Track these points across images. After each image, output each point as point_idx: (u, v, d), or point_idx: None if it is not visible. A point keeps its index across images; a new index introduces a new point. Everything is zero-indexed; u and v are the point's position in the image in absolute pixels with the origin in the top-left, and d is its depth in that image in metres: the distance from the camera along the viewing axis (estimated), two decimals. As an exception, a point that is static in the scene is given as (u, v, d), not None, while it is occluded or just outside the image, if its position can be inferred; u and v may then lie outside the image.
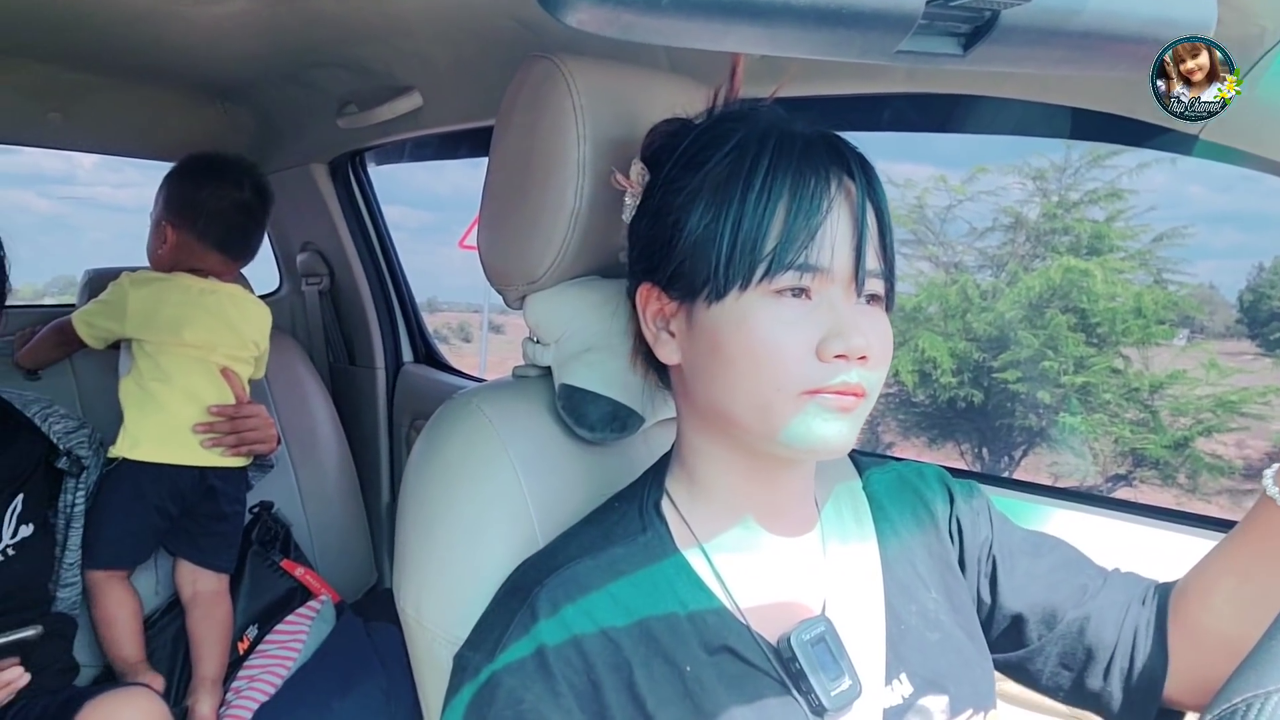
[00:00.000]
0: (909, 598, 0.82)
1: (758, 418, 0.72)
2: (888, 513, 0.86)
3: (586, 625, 0.72)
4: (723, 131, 0.75)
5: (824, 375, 0.70)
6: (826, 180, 0.72)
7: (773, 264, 0.70)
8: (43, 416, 1.48)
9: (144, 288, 1.64)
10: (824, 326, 0.71)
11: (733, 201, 0.71)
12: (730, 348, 0.72)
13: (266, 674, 1.60)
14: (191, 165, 1.72)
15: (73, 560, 1.49)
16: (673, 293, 0.76)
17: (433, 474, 0.89)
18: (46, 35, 1.49)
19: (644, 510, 0.80)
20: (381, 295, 2.14)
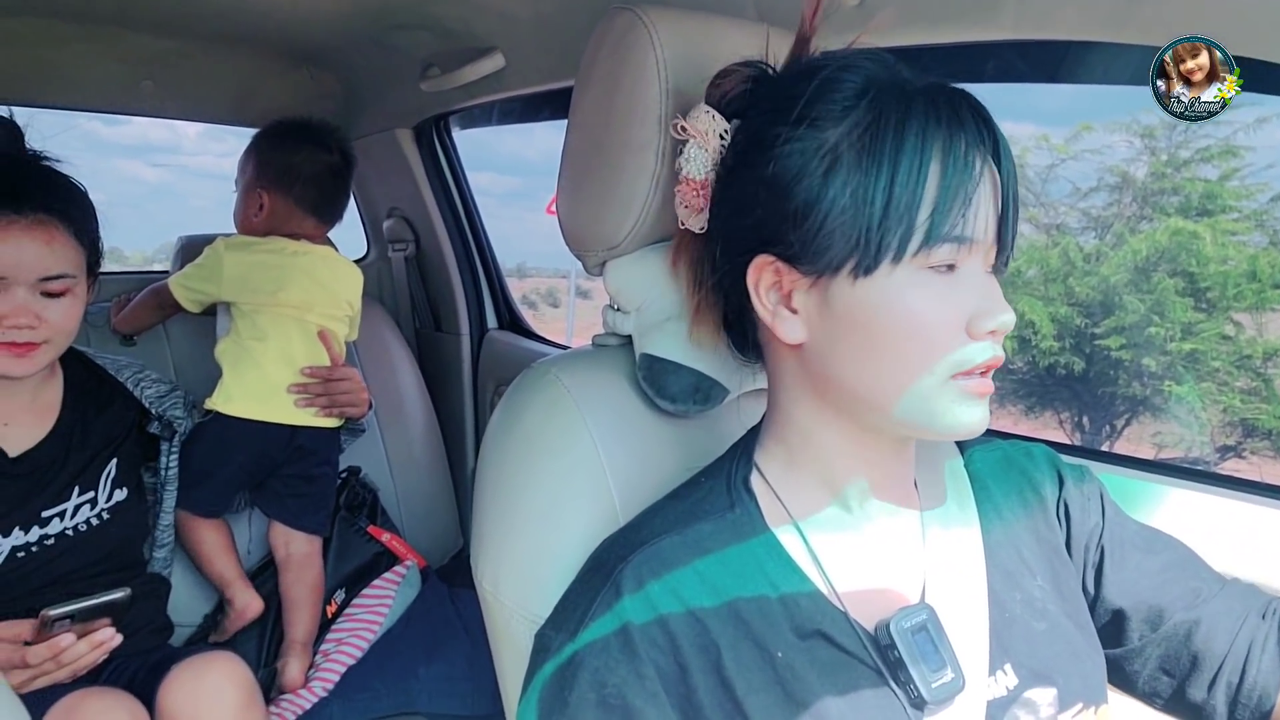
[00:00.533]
0: (1014, 584, 0.77)
1: (902, 400, 0.68)
2: (991, 494, 0.81)
3: (673, 604, 0.69)
4: (833, 82, 0.69)
5: (975, 354, 0.67)
6: (978, 139, 0.67)
7: (930, 234, 0.65)
8: (135, 381, 1.51)
9: (239, 252, 1.66)
10: (971, 301, 0.67)
11: (881, 164, 0.65)
12: (880, 327, 0.67)
13: (354, 638, 1.62)
14: (282, 130, 1.73)
15: (167, 523, 1.52)
16: (803, 266, 0.69)
17: (510, 446, 0.87)
18: (135, 3, 1.50)
19: (732, 486, 0.76)
20: (466, 261, 2.14)
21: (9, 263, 1.22)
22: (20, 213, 1.23)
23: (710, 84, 0.77)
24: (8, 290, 1.23)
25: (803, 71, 0.71)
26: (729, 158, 0.75)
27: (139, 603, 1.41)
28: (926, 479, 0.80)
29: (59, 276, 1.26)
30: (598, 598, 0.70)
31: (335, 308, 1.73)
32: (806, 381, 0.73)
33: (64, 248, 1.27)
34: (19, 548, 1.30)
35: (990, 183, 0.68)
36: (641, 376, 0.89)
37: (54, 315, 1.27)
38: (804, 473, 0.75)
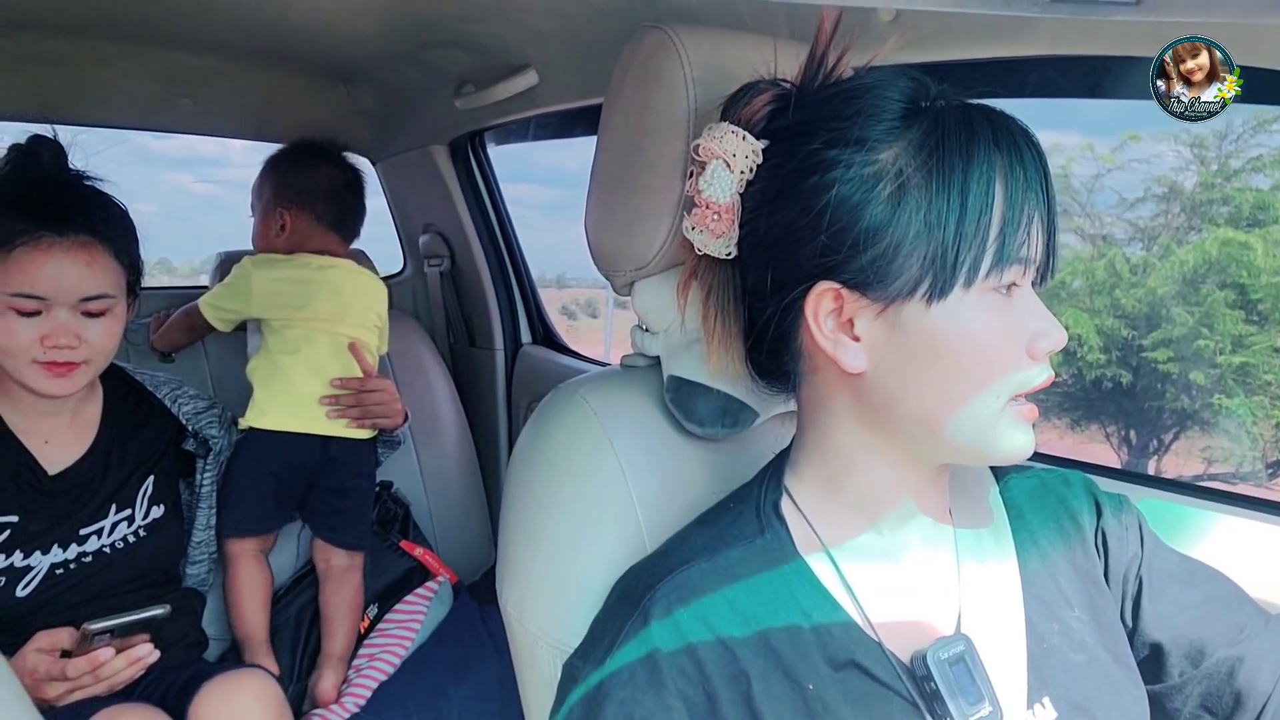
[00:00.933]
0: (1051, 615, 0.75)
1: (959, 425, 0.67)
2: (1028, 522, 0.79)
3: (702, 632, 0.68)
4: (878, 101, 0.67)
5: (1035, 375, 0.67)
6: (1036, 158, 0.66)
7: (1000, 256, 0.65)
8: (173, 398, 1.52)
9: (267, 269, 1.67)
10: (1030, 322, 0.67)
11: (952, 187, 0.64)
12: (952, 351, 0.66)
13: (385, 653, 1.62)
14: (297, 152, 1.75)
15: (200, 539, 1.53)
16: (871, 293, 0.67)
17: (535, 469, 0.86)
18: (174, 22, 1.52)
19: (762, 511, 0.75)
20: (500, 276, 2.14)
21: (51, 285, 1.24)
22: (63, 234, 1.25)
23: (729, 101, 0.76)
24: (49, 311, 1.25)
25: (843, 92, 0.70)
26: (763, 182, 0.72)
27: (174, 618, 1.42)
28: (962, 507, 0.78)
29: (99, 297, 1.28)
30: (625, 626, 0.69)
31: (364, 318, 1.74)
32: (860, 411, 0.72)
33: (104, 269, 1.28)
34: (58, 565, 1.32)
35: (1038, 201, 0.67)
36: (669, 399, 0.87)
37: (94, 335, 1.28)
38: (842, 499, 0.74)
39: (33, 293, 1.23)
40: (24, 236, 1.23)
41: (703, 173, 0.75)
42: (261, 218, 1.74)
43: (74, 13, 1.48)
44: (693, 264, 0.79)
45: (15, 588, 1.28)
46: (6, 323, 1.24)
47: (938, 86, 0.69)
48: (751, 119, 0.74)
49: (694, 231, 0.76)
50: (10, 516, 1.30)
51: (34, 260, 1.23)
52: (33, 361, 1.25)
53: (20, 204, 1.25)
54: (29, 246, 1.23)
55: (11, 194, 1.27)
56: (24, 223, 1.23)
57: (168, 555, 1.47)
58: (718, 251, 0.75)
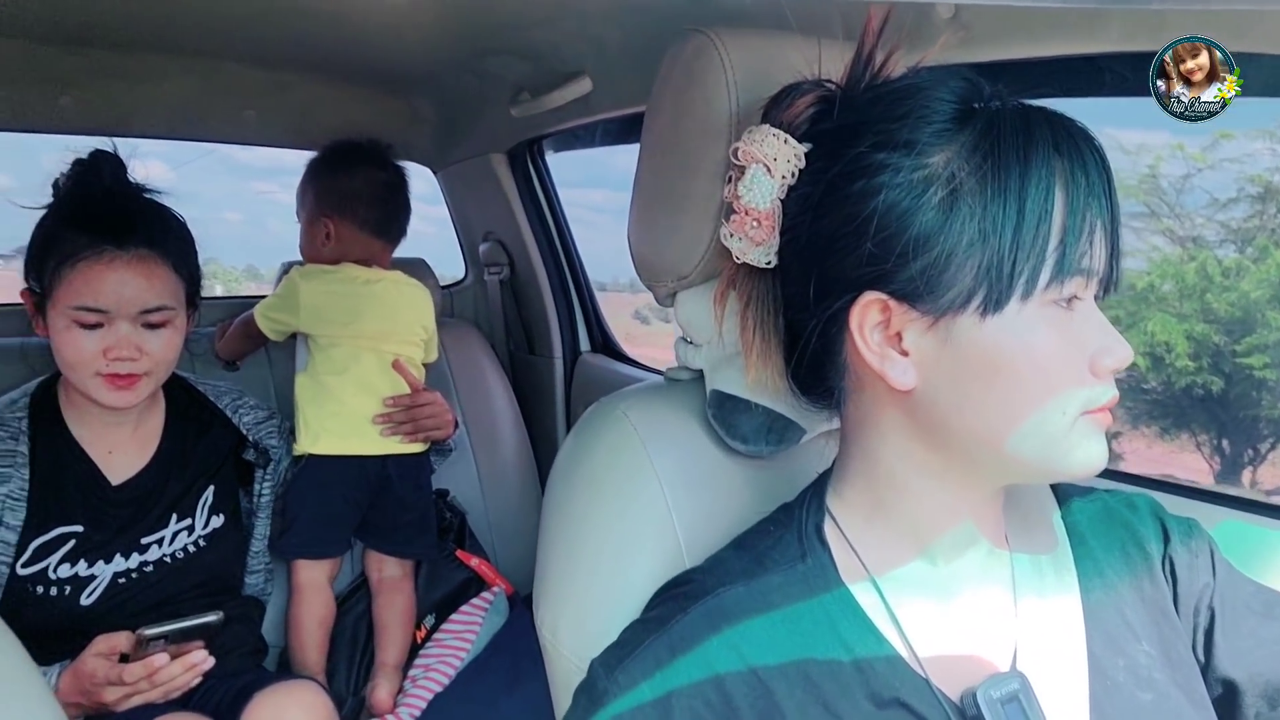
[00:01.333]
0: (1116, 650, 0.69)
1: (1034, 445, 0.63)
2: (1091, 549, 0.73)
3: (732, 661, 0.64)
4: (928, 101, 0.64)
5: (1101, 393, 0.63)
6: (1099, 163, 0.62)
7: (1061, 266, 0.61)
8: (234, 408, 1.54)
9: (313, 281, 1.66)
10: (1093, 337, 0.63)
11: (1008, 193, 0.61)
12: (1008, 367, 0.62)
13: (441, 664, 1.62)
14: (334, 156, 1.73)
15: (259, 549, 1.54)
16: (921, 305, 0.63)
17: (574, 486, 0.84)
18: (237, 35, 1.54)
19: (803, 535, 0.71)
20: (559, 284, 2.13)
21: (112, 298, 1.26)
22: (123, 248, 1.27)
23: (770, 103, 0.72)
24: (111, 324, 1.27)
25: (891, 92, 0.66)
26: (806, 187, 0.69)
27: (232, 625, 1.43)
28: (1020, 533, 0.73)
29: (159, 309, 1.30)
30: (647, 653, 0.66)
31: (410, 333, 1.72)
32: (911, 429, 0.67)
33: (164, 281, 1.30)
34: (120, 574, 1.34)
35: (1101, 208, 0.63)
36: (711, 414, 0.85)
37: (155, 346, 1.30)
38: (889, 524, 0.70)
39: (95, 305, 1.26)
40: (86, 251, 1.25)
41: (742, 177, 0.72)
42: (306, 226, 1.73)
43: (140, 29, 1.51)
44: (731, 273, 0.76)
45: (80, 596, 1.31)
46: (70, 336, 1.27)
47: (992, 86, 0.65)
48: (794, 121, 0.70)
49: (732, 239, 0.73)
50: (76, 526, 1.33)
51: (96, 274, 1.25)
52: (96, 374, 1.28)
53: (82, 219, 1.28)
54: (91, 260, 1.25)
55: (74, 209, 1.30)
56: (86, 237, 1.26)
57: (227, 565, 1.48)
58: (757, 260, 0.72)
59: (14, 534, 1.29)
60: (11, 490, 1.30)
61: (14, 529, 1.29)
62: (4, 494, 1.30)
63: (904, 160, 0.62)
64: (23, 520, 1.30)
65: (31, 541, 1.30)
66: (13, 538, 1.29)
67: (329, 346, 1.64)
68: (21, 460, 1.32)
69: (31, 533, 1.30)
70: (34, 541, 1.30)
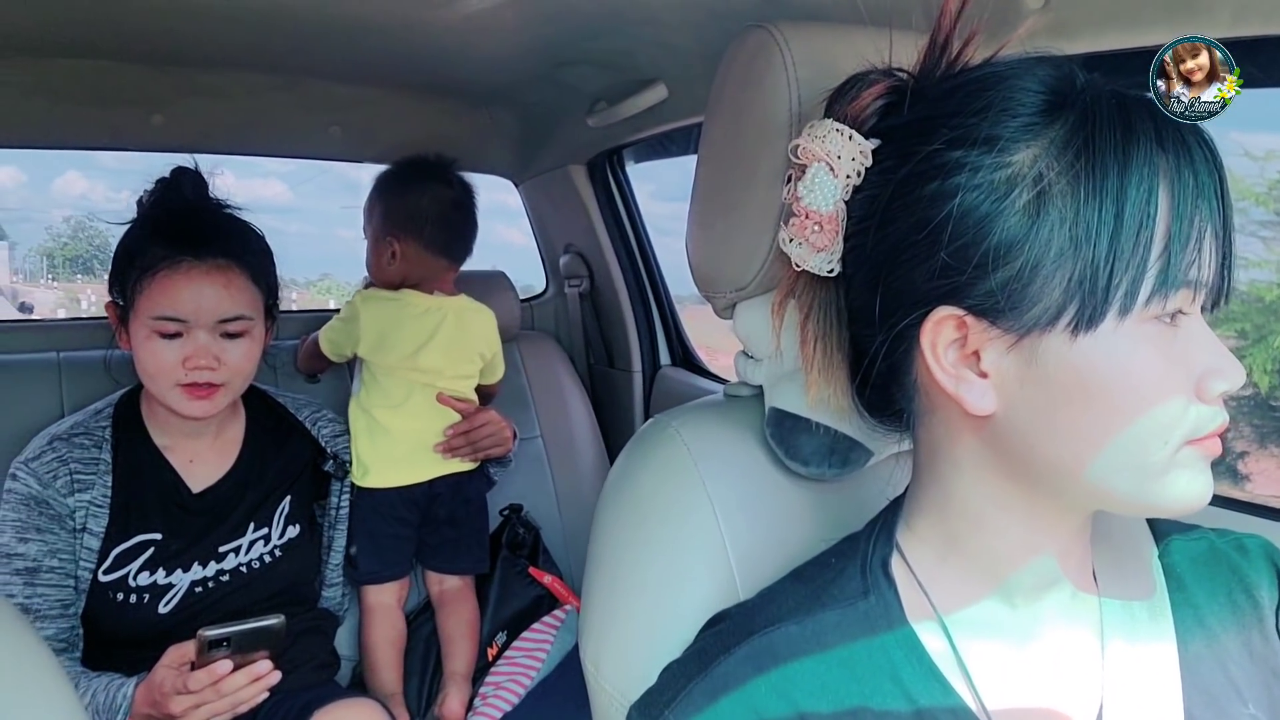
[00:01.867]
0: (1218, 711, 0.61)
1: (1129, 477, 0.56)
2: (1192, 595, 0.65)
3: (780, 708, 0.59)
4: (1012, 93, 0.57)
5: (1207, 420, 0.56)
6: (1210, 161, 0.55)
7: (1165, 278, 0.54)
8: (312, 420, 1.55)
9: (375, 306, 1.65)
10: (1201, 357, 0.55)
11: (1105, 195, 0.54)
12: (1103, 392, 0.55)
13: (511, 682, 1.59)
14: (401, 174, 1.71)
15: (337, 562, 1.55)
16: (1003, 321, 0.57)
17: (621, 509, 0.79)
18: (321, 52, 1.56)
19: (868, 569, 0.65)
20: (639, 297, 2.09)
21: (190, 307, 1.28)
22: (201, 258, 1.29)
23: (834, 95, 0.66)
24: (189, 333, 1.29)
25: (971, 82, 0.59)
26: (873, 188, 0.63)
27: (303, 638, 1.44)
28: (1110, 573, 0.65)
29: (236, 318, 1.31)
30: (690, 697, 0.61)
31: (468, 365, 1.70)
32: (989, 458, 0.61)
33: (241, 291, 1.32)
34: (197, 582, 1.35)
35: (1210, 213, 0.56)
36: (769, 433, 0.79)
37: (233, 356, 1.31)
38: (964, 561, 0.63)
39: (173, 315, 1.28)
40: (164, 262, 1.28)
41: (802, 177, 0.65)
42: (373, 245, 1.71)
43: (228, 48, 1.54)
44: (790, 281, 0.69)
45: (158, 604, 1.33)
46: (151, 346, 1.29)
47: (1086, 75, 0.58)
48: (859, 115, 0.64)
49: (791, 244, 0.67)
50: (154, 534, 1.35)
51: (174, 283, 1.28)
52: (175, 384, 1.30)
53: (162, 232, 1.31)
54: (169, 271, 1.28)
55: (155, 223, 1.33)
56: (164, 249, 1.28)
57: (302, 575, 1.48)
58: (818, 267, 0.66)
59: (97, 540, 1.32)
60: (95, 497, 1.33)
61: (97, 535, 1.32)
62: (87, 500, 1.32)
63: (984, 159, 0.56)
64: (105, 527, 1.32)
65: (113, 548, 1.32)
66: (96, 544, 1.32)
67: (384, 377, 1.63)
68: (105, 468, 1.35)
69: (113, 540, 1.33)
70: (115, 548, 1.32)
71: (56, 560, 1.30)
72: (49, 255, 19.66)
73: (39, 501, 1.30)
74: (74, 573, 1.31)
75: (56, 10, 1.32)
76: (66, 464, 1.32)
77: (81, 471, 1.33)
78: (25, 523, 1.29)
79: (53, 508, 1.30)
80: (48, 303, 14.72)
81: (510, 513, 1.80)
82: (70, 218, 4.81)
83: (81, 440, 1.35)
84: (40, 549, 1.29)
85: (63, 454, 1.33)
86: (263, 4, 1.30)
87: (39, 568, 1.28)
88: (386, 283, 1.69)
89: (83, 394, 1.53)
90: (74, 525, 1.31)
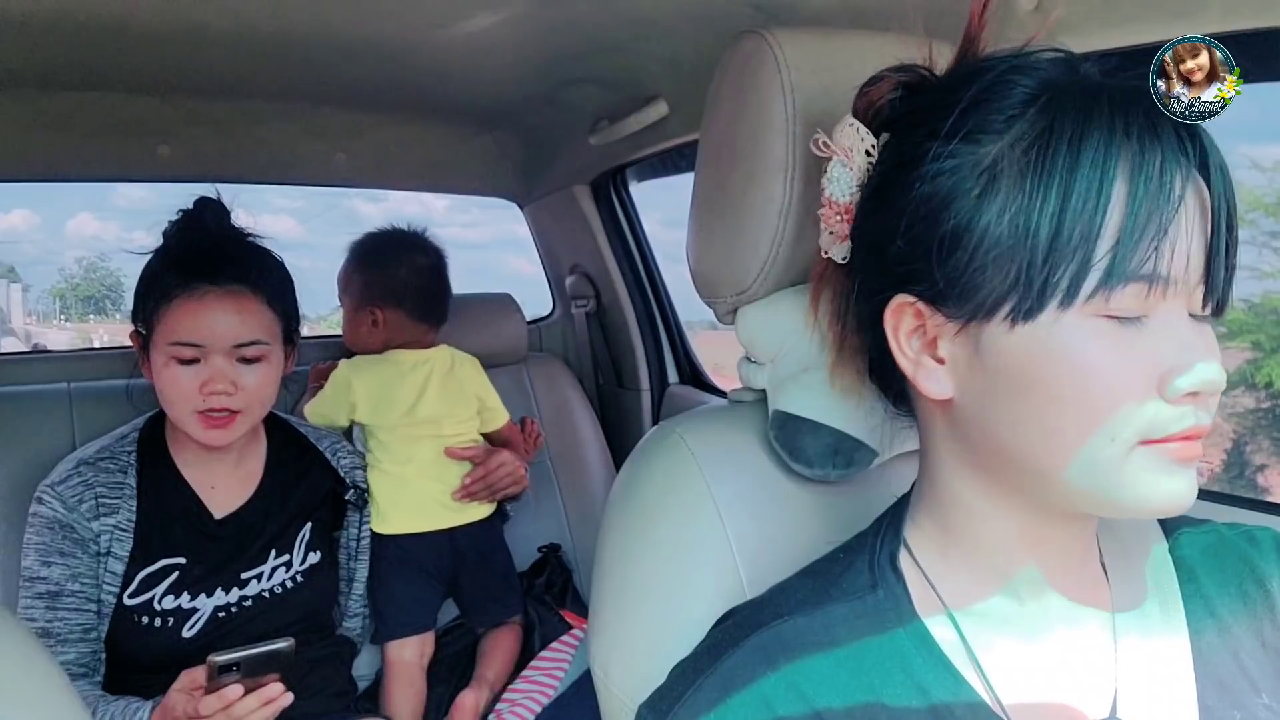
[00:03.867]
0: (1231, 701, 0.60)
1: (1080, 473, 0.55)
2: (1203, 587, 0.64)
3: (792, 702, 0.58)
4: (1001, 86, 0.57)
5: (1170, 421, 0.53)
6: (1179, 151, 0.53)
7: (1111, 271, 0.52)
8: (332, 451, 1.55)
9: (365, 370, 1.66)
10: (1168, 354, 0.53)
11: (1051, 185, 0.53)
12: (1045, 383, 0.55)
13: (528, 699, 1.58)
14: (377, 246, 1.74)
15: (360, 592, 1.55)
16: (948, 309, 0.58)
17: (627, 516, 0.79)
18: (325, 78, 1.58)
19: (875, 563, 0.64)
20: (645, 316, 2.10)
21: (205, 332, 1.28)
22: (216, 283, 1.29)
23: (858, 93, 0.67)
24: (206, 359, 1.29)
25: (964, 75, 0.59)
26: (875, 178, 0.65)
27: (321, 665, 1.44)
28: (1119, 566, 0.65)
29: (253, 343, 1.31)
30: (698, 692, 0.60)
31: (465, 409, 1.71)
32: (960, 446, 0.61)
33: (256, 315, 1.32)
34: (220, 608, 1.35)
35: (1198, 207, 0.54)
36: (773, 436, 0.79)
37: (250, 382, 1.31)
38: (965, 555, 0.63)
39: (190, 340, 1.28)
40: (181, 289, 1.28)
41: (826, 171, 0.68)
42: (352, 313, 1.73)
43: (234, 77, 1.56)
44: (820, 268, 0.72)
45: (182, 629, 1.33)
46: (170, 373, 1.29)
47: (1087, 69, 0.58)
48: (869, 109, 0.66)
49: (823, 233, 0.70)
50: (178, 559, 1.35)
51: (190, 309, 1.28)
52: (194, 411, 1.30)
53: (180, 261, 1.31)
54: (185, 297, 1.28)
55: (174, 253, 1.34)
56: (182, 276, 1.29)
57: (321, 602, 1.48)
58: (837, 255, 0.69)
59: (121, 564, 1.32)
60: (119, 521, 1.33)
61: (121, 559, 1.32)
62: (112, 525, 1.33)
63: (957, 148, 0.56)
64: (129, 551, 1.33)
65: (138, 573, 1.33)
66: (120, 568, 1.32)
67: (386, 435, 1.64)
68: (129, 493, 1.35)
69: (138, 564, 1.33)
70: (140, 573, 1.33)
71: (79, 584, 1.30)
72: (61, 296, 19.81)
73: (63, 525, 1.31)
74: (96, 597, 1.31)
75: (61, 43, 1.34)
76: (92, 488, 1.33)
77: (107, 496, 1.33)
78: (49, 546, 1.30)
79: (77, 532, 1.31)
80: (60, 343, 14.86)
81: (548, 552, 1.81)
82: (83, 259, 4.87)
83: (107, 465, 1.36)
84: (63, 573, 1.29)
85: (88, 478, 1.33)
86: (266, 30, 1.31)
87: (61, 591, 1.29)
88: (368, 349, 1.72)
89: (93, 425, 1.54)
90: (98, 549, 1.32)
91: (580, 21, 1.34)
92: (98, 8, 1.21)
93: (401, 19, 1.30)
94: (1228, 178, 0.55)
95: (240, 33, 1.32)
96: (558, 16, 1.32)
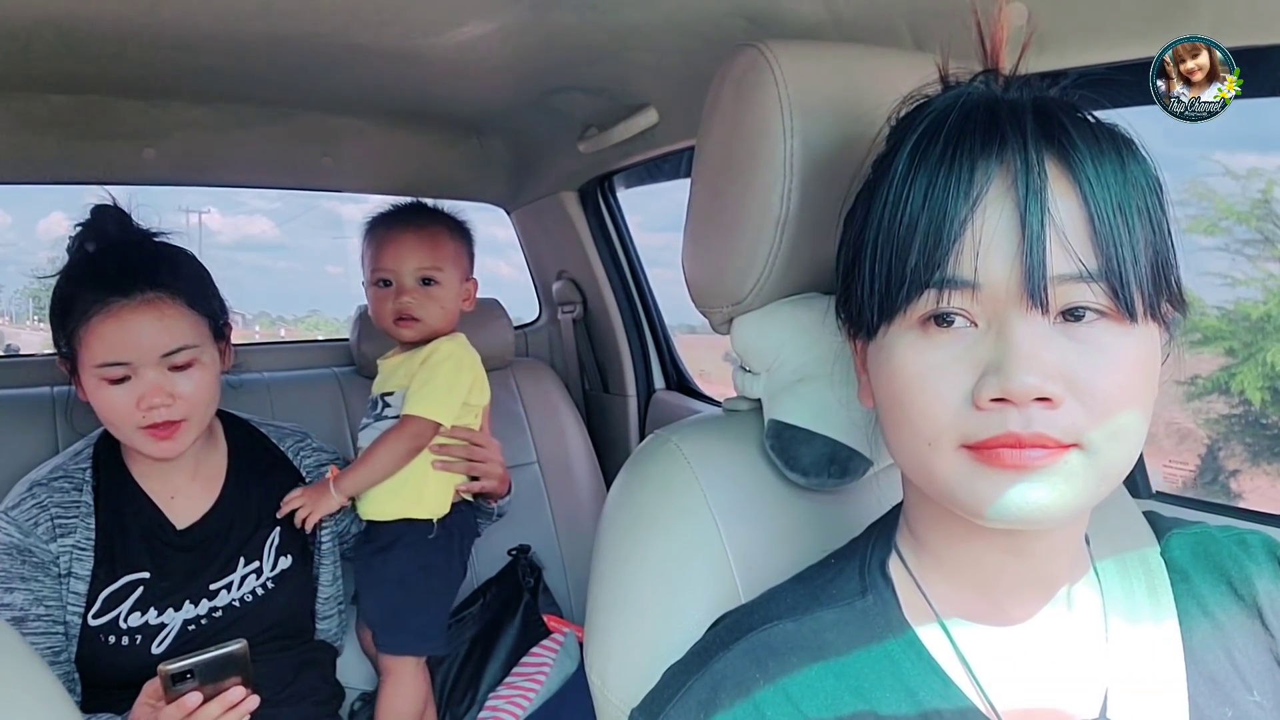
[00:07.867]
0: (1223, 699, 0.61)
1: (921, 479, 0.58)
2: (1194, 586, 0.66)
3: (781, 709, 0.59)
4: (909, 117, 0.60)
5: (979, 427, 0.53)
6: (972, 159, 0.53)
7: (909, 284, 0.55)
8: (295, 450, 1.51)
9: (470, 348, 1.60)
10: (983, 362, 0.53)
11: (875, 205, 0.57)
12: (883, 395, 0.59)
13: (510, 704, 1.58)
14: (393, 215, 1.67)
15: (328, 594, 1.50)
16: (852, 326, 0.63)
17: (624, 524, 0.80)
18: (311, 83, 1.57)
19: (866, 570, 0.66)
20: (632, 322, 2.10)
21: (130, 348, 1.24)
22: (128, 295, 1.24)
23: None
24: (136, 374, 1.24)
25: (928, 98, 0.61)
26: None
27: (304, 672, 1.41)
28: (1109, 568, 0.66)
29: (181, 349, 1.27)
30: (688, 696, 0.61)
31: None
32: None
33: (178, 320, 1.27)
34: (189, 621, 1.31)
35: (1013, 209, 0.53)
36: (769, 445, 0.80)
37: (186, 389, 1.27)
38: (937, 562, 0.64)
39: (115, 360, 1.23)
40: (94, 307, 1.23)
41: None
42: (458, 285, 1.61)
43: (218, 79, 1.54)
44: None
45: (150, 645, 1.29)
46: (104, 395, 1.25)
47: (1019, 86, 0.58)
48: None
49: None
50: (142, 573, 1.30)
51: (109, 328, 1.23)
52: (137, 428, 1.26)
53: (88, 276, 1.26)
54: (102, 316, 1.23)
55: (81, 268, 1.29)
56: (93, 293, 1.24)
57: (296, 607, 1.45)
58: None
59: (84, 584, 1.28)
60: (78, 541, 1.29)
61: (83, 579, 1.28)
62: (71, 545, 1.29)
63: (882, 168, 0.59)
64: (91, 570, 1.29)
65: (101, 591, 1.29)
66: (82, 588, 1.28)
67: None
68: (86, 510, 1.31)
69: (101, 582, 1.29)
70: (104, 591, 1.29)
71: (43, 608, 1.26)
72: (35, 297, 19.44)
73: (21, 550, 1.26)
74: (62, 619, 1.27)
75: (47, 46, 1.32)
76: (46, 510, 1.29)
77: (62, 516, 1.29)
78: (9, 572, 1.25)
79: (36, 555, 1.27)
80: (34, 344, 14.59)
81: (519, 553, 1.79)
82: (55, 258, 4.84)
83: (61, 484, 1.31)
84: (26, 598, 1.25)
85: (42, 500, 1.29)
86: (254, 33, 1.30)
87: (26, 617, 1.24)
88: (449, 327, 1.62)
89: (76, 429, 1.51)
90: (59, 571, 1.28)
91: (571, 31, 1.34)
92: (84, 11, 1.20)
93: (392, 27, 1.29)
94: (1102, 169, 0.53)
95: (229, 37, 1.31)
96: (549, 26, 1.32)
